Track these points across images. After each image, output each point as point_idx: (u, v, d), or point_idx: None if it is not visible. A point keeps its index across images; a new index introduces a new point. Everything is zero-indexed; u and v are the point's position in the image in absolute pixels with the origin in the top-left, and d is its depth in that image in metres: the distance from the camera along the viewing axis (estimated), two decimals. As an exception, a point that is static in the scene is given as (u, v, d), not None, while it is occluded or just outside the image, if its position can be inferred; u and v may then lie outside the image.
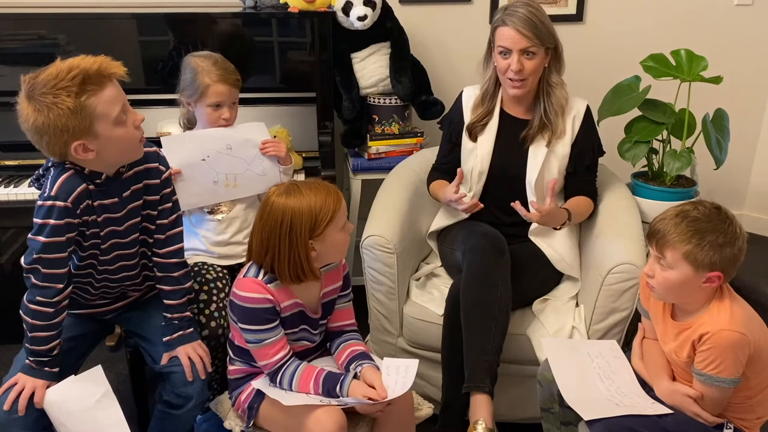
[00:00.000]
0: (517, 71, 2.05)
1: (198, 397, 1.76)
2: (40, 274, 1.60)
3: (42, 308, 1.61)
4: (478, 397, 1.87)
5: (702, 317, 1.57)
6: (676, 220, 1.54)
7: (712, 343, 1.52)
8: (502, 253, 1.99)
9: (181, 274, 1.82)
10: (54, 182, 1.58)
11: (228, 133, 2.08)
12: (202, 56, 2.06)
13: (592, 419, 1.59)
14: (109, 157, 1.61)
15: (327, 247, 1.65)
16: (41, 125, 1.49)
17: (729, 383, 1.53)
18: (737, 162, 3.00)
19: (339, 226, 1.65)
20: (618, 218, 2.17)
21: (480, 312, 1.91)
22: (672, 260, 1.53)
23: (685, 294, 1.58)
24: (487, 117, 2.20)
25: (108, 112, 1.54)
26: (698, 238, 1.50)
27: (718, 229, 1.51)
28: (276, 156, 2.13)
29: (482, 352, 1.89)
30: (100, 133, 1.54)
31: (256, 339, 1.65)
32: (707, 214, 1.54)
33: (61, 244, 1.59)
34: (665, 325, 1.66)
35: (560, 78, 2.15)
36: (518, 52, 2.03)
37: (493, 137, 2.19)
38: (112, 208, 1.68)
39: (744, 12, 2.94)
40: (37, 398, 1.61)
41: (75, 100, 1.48)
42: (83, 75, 1.49)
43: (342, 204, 1.66)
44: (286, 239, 1.60)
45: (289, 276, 1.64)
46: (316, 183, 1.67)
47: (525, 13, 2.02)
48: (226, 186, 2.09)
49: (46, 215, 1.57)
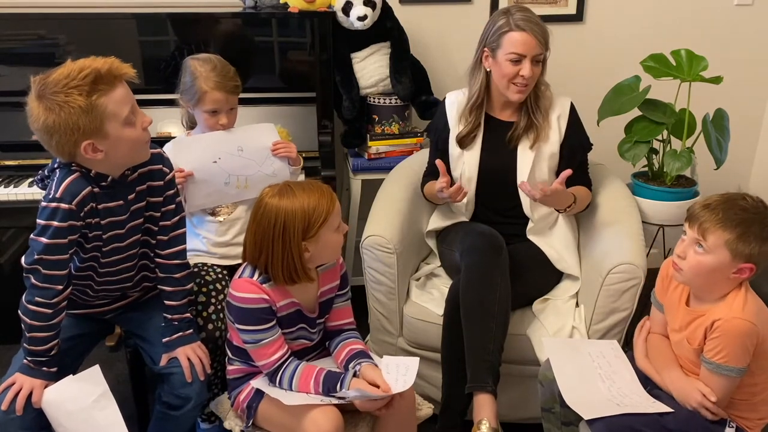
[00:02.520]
0: (529, 77, 2.04)
1: (197, 398, 1.76)
2: (40, 275, 1.60)
3: (41, 309, 1.61)
4: (481, 397, 1.87)
5: (717, 305, 1.58)
6: (724, 206, 1.54)
7: (722, 331, 1.53)
8: (499, 252, 1.99)
9: (183, 275, 1.82)
10: (60, 184, 1.58)
11: (239, 135, 2.09)
12: (201, 60, 2.04)
13: (592, 419, 1.60)
14: (117, 158, 1.62)
15: (321, 248, 1.65)
16: (52, 124, 1.50)
17: (736, 372, 1.54)
18: (737, 162, 2.99)
19: (333, 227, 1.65)
20: (618, 218, 2.18)
21: (480, 312, 1.91)
22: (713, 244, 1.53)
23: (712, 281, 1.58)
24: (476, 129, 2.19)
25: (118, 112, 1.54)
26: (744, 227, 1.52)
27: (764, 222, 1.53)
28: (287, 157, 2.14)
29: (484, 352, 1.89)
30: (109, 133, 1.55)
31: (253, 339, 1.65)
32: (755, 206, 1.55)
33: (63, 246, 1.59)
34: (678, 312, 1.67)
35: (545, 80, 2.16)
36: (531, 59, 2.03)
37: (479, 142, 2.19)
38: (116, 211, 1.68)
39: (744, 12, 2.94)
40: (35, 398, 1.61)
41: (86, 99, 1.49)
42: (95, 75, 1.50)
43: (336, 205, 1.65)
44: (279, 240, 1.60)
45: (282, 277, 1.63)
46: (310, 184, 1.66)
47: (534, 19, 2.03)
48: (237, 187, 2.09)
49: (49, 217, 1.57)
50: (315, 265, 1.70)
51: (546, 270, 2.18)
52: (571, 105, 2.20)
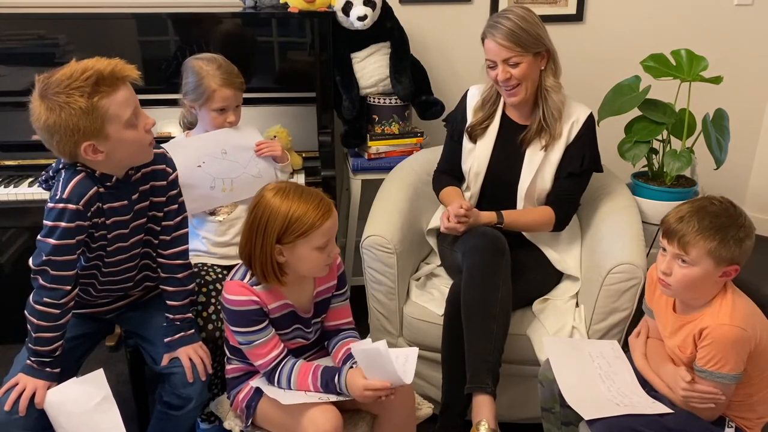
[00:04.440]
0: (504, 80, 2.05)
1: (198, 398, 1.76)
2: (48, 276, 1.60)
3: (49, 309, 1.61)
4: (480, 397, 1.87)
5: (704, 312, 1.58)
6: (697, 217, 1.54)
7: (712, 338, 1.53)
8: (502, 254, 1.98)
9: (185, 275, 1.83)
10: (66, 185, 1.59)
11: (221, 138, 2.08)
12: (205, 60, 2.05)
13: (592, 419, 1.59)
14: (119, 160, 1.62)
15: (296, 259, 1.62)
16: (52, 124, 1.50)
17: (730, 379, 1.53)
18: (737, 162, 2.99)
19: (313, 244, 1.59)
20: (618, 218, 2.17)
21: (481, 313, 1.91)
22: (696, 257, 1.53)
23: (700, 289, 1.59)
24: (487, 121, 2.19)
25: (120, 114, 1.54)
26: (722, 233, 1.52)
27: (738, 223, 1.54)
28: (271, 156, 2.14)
29: (484, 353, 1.89)
30: (110, 135, 1.55)
31: (247, 340, 1.65)
32: (725, 209, 1.55)
33: (71, 246, 1.60)
34: (667, 319, 1.67)
35: (557, 81, 2.11)
36: (502, 63, 2.03)
37: (492, 140, 2.19)
38: (120, 211, 1.68)
39: (744, 12, 2.94)
40: (38, 399, 1.61)
41: (87, 100, 1.49)
42: (97, 76, 1.50)
43: (326, 225, 1.59)
44: (260, 236, 1.59)
45: (259, 273, 1.63)
46: (312, 194, 1.62)
47: (506, 23, 2.00)
48: (223, 191, 2.09)
49: (57, 218, 1.57)
50: (293, 273, 1.66)
51: (546, 270, 2.18)
52: (589, 116, 2.15)
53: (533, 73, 2.07)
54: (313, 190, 1.65)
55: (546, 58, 2.08)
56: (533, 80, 2.08)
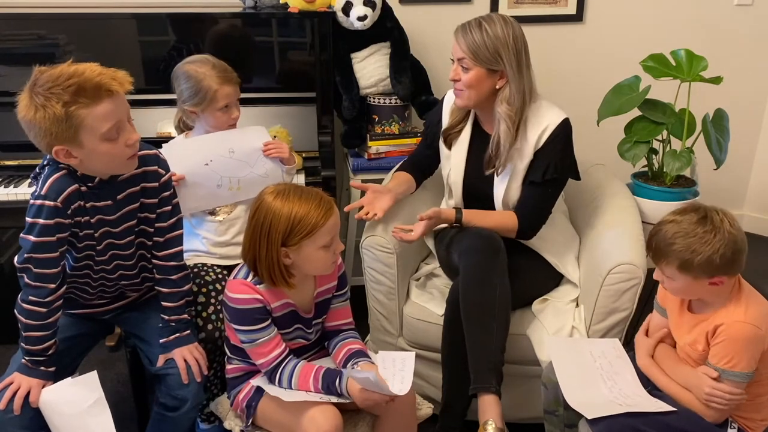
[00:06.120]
0: (451, 78, 2.03)
1: (193, 399, 1.75)
2: (32, 274, 1.59)
3: (35, 308, 1.61)
4: (485, 397, 1.86)
5: (719, 311, 1.58)
6: (666, 234, 1.56)
7: (725, 336, 1.54)
8: (497, 252, 1.97)
9: (179, 276, 1.82)
10: (45, 181, 1.58)
11: (229, 137, 2.08)
12: (197, 62, 2.03)
13: (594, 418, 1.59)
14: (93, 168, 1.60)
15: (303, 259, 1.62)
16: (29, 121, 1.49)
17: (743, 377, 1.54)
18: (737, 162, 3.00)
19: (318, 243, 1.60)
20: (618, 218, 2.17)
21: (481, 312, 1.91)
22: (670, 273, 1.58)
23: (698, 295, 1.61)
24: (460, 125, 2.17)
25: (96, 127, 1.51)
26: (689, 253, 1.52)
27: (703, 240, 1.52)
28: (279, 157, 2.14)
29: (486, 353, 1.89)
30: (85, 144, 1.52)
31: (249, 339, 1.65)
32: (692, 228, 1.54)
33: (52, 243, 1.58)
34: (681, 317, 1.67)
35: (509, 110, 1.98)
36: (457, 61, 2.02)
37: (465, 150, 2.16)
38: (105, 211, 1.67)
39: (744, 12, 2.94)
40: (33, 397, 1.61)
41: (63, 108, 1.46)
42: (78, 86, 1.47)
43: (329, 223, 1.60)
44: (265, 240, 1.59)
45: (266, 277, 1.63)
46: (312, 194, 1.62)
47: (474, 27, 1.98)
48: (229, 189, 2.09)
49: (35, 214, 1.57)
50: (300, 274, 1.67)
51: (546, 272, 2.17)
52: (562, 122, 2.02)
53: (482, 86, 1.99)
54: (311, 189, 1.65)
55: (504, 80, 1.99)
56: (480, 93, 2.00)
